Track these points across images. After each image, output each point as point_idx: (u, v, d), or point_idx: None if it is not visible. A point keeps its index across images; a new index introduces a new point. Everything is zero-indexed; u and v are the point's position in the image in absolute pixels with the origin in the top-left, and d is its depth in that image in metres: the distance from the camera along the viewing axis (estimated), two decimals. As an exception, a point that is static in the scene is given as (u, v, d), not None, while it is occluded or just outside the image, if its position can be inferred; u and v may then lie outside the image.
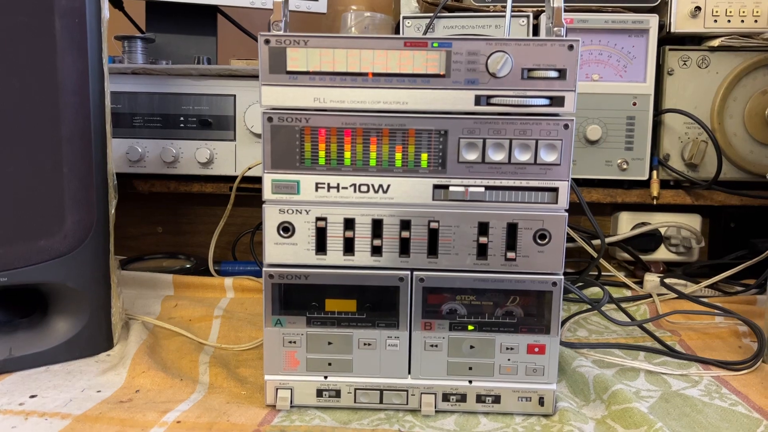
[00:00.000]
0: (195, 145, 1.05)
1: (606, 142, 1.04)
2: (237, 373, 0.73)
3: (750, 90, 1.04)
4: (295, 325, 0.64)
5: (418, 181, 0.61)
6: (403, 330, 0.64)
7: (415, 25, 1.04)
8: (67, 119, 0.69)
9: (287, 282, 0.63)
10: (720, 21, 1.02)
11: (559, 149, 0.60)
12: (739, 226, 1.12)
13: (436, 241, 0.62)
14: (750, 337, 0.85)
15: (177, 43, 1.22)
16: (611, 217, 1.14)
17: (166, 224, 1.18)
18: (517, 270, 0.62)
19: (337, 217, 0.62)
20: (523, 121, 0.59)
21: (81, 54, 0.69)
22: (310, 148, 0.61)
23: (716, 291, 1.01)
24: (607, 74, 1.04)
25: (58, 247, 0.71)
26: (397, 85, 0.59)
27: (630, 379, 0.73)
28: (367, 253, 0.62)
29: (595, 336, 0.87)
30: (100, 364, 0.75)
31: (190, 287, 1.00)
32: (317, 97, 0.60)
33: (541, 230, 0.61)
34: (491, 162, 0.60)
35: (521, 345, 0.64)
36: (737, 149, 1.05)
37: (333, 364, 0.64)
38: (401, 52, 0.59)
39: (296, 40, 0.59)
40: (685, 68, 1.05)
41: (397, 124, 0.60)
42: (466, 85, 0.59)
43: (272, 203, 0.62)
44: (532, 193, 0.61)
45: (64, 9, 0.67)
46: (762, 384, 0.72)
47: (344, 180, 0.61)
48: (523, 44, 0.58)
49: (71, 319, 0.75)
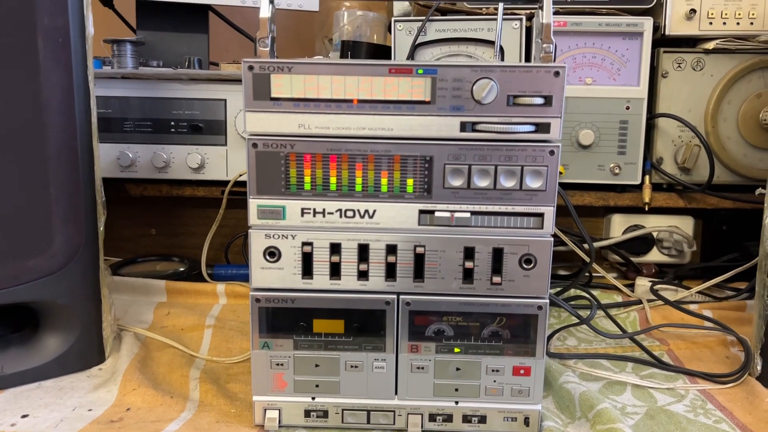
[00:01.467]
0: (186, 150, 1.04)
1: (598, 146, 1.04)
2: (227, 389, 0.73)
3: (745, 93, 1.03)
4: (283, 347, 0.64)
5: (404, 206, 0.61)
6: (390, 352, 0.64)
7: (407, 28, 1.03)
8: (53, 138, 0.69)
9: (274, 306, 0.63)
10: (715, 23, 1.01)
11: (544, 175, 0.60)
12: (732, 228, 1.12)
13: (422, 265, 0.62)
14: (738, 346, 0.86)
15: (168, 41, 1.21)
16: (604, 219, 1.14)
17: (160, 226, 1.19)
18: (503, 294, 0.62)
19: (324, 242, 0.62)
20: (508, 147, 0.59)
21: (66, 73, 0.68)
22: (295, 173, 0.61)
23: (706, 296, 1.01)
24: (600, 77, 1.03)
25: (47, 265, 0.71)
26: (382, 112, 0.59)
27: (617, 394, 0.74)
28: (353, 277, 0.63)
29: (584, 345, 0.87)
30: (92, 379, 0.75)
31: (183, 293, 1.01)
32: (302, 123, 0.59)
33: (527, 255, 0.61)
34: (477, 188, 0.60)
35: (507, 367, 0.64)
36: (731, 152, 1.05)
37: (320, 385, 0.65)
38: (386, 78, 0.58)
39: (280, 66, 0.58)
40: (679, 70, 1.04)
41: (383, 150, 0.60)
42: (452, 111, 0.59)
43: (258, 228, 0.62)
44: (518, 218, 0.61)
45: (47, 28, 0.66)
46: (747, 399, 0.73)
47: (330, 205, 0.61)
48: (509, 71, 0.58)
49: (62, 334, 0.76)
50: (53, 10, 0.66)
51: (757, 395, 0.73)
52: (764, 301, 0.75)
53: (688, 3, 1.00)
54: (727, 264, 1.04)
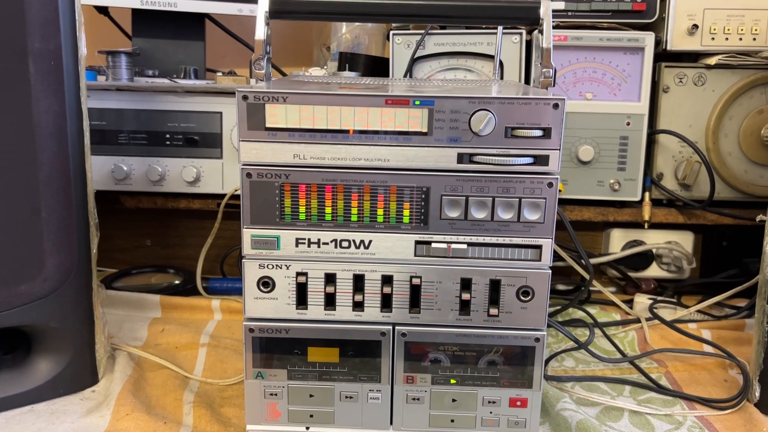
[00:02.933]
0: (181, 163, 1.03)
1: (598, 162, 1.03)
2: (221, 414, 0.73)
3: (746, 109, 1.02)
4: (276, 377, 0.63)
5: (400, 237, 0.60)
6: (385, 383, 0.63)
7: (405, 42, 1.01)
8: (45, 163, 0.68)
9: (268, 336, 0.62)
10: (717, 39, 1.00)
11: (542, 207, 0.59)
12: (732, 244, 1.12)
13: (419, 296, 0.61)
14: (736, 369, 0.85)
15: (164, 49, 1.20)
16: (603, 233, 1.13)
17: (155, 237, 1.18)
18: (500, 326, 0.62)
19: (318, 272, 0.61)
20: (506, 179, 0.58)
21: (57, 96, 0.67)
22: (290, 203, 0.60)
23: (705, 315, 1.01)
24: (601, 92, 1.02)
25: (38, 290, 0.70)
26: (378, 143, 0.58)
27: (614, 420, 0.73)
28: (348, 307, 0.62)
29: (582, 366, 0.87)
30: (85, 402, 0.75)
31: (178, 308, 1.00)
32: (297, 153, 0.58)
33: (525, 287, 0.61)
34: (474, 219, 0.59)
35: (503, 399, 0.63)
36: (732, 169, 1.04)
37: (315, 415, 0.64)
38: (383, 109, 0.57)
39: (275, 97, 0.57)
40: (681, 86, 1.03)
41: (379, 181, 0.59)
42: (449, 143, 0.58)
43: (252, 258, 0.61)
44: (516, 250, 0.60)
45: (39, 52, 0.65)
46: (745, 427, 0.72)
47: (325, 235, 0.60)
48: (507, 102, 0.57)
49: (55, 357, 0.75)
50: (45, 34, 0.65)
51: (755, 423, 0.72)
52: (764, 327, 0.75)
53: (690, 18, 0.99)
54: (727, 280, 1.03)
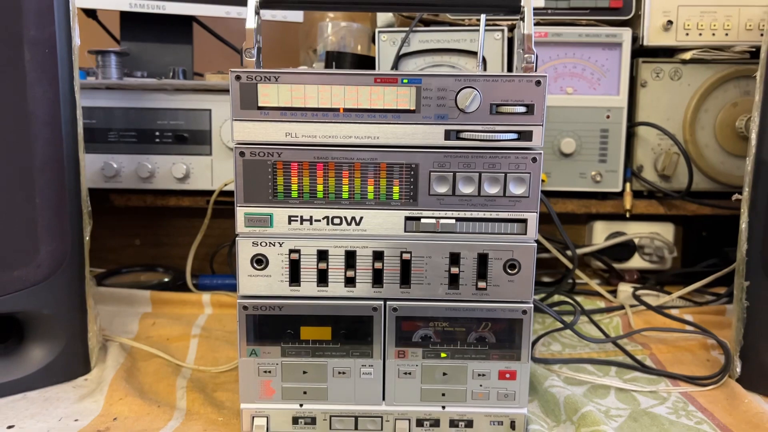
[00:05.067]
0: (171, 160, 1.04)
1: (580, 154, 1.06)
2: (214, 398, 0.73)
3: (721, 102, 1.06)
4: (270, 355, 0.64)
5: (391, 213, 0.62)
6: (377, 358, 0.64)
7: (391, 39, 1.04)
8: (39, 150, 0.69)
9: (261, 313, 0.63)
10: (691, 34, 1.03)
11: (527, 182, 0.61)
12: (711, 234, 1.15)
13: (409, 271, 0.63)
14: (718, 349, 0.87)
15: (152, 52, 1.22)
16: (586, 226, 1.16)
17: (144, 236, 1.18)
18: (488, 299, 0.63)
19: (311, 249, 0.62)
20: (492, 154, 0.60)
21: (52, 84, 0.68)
22: (282, 181, 0.61)
23: (687, 301, 1.03)
24: (581, 87, 1.05)
25: (32, 276, 0.71)
26: (368, 120, 0.60)
27: (600, 397, 0.75)
28: (340, 283, 0.63)
29: (569, 350, 0.89)
30: (78, 389, 0.75)
31: (168, 303, 1.01)
32: (289, 132, 0.60)
33: (511, 260, 0.62)
34: (461, 194, 0.61)
35: (493, 371, 0.65)
36: (709, 160, 1.07)
37: (308, 392, 0.65)
38: (372, 88, 0.59)
39: (267, 76, 0.59)
40: (658, 80, 1.06)
41: (369, 158, 0.61)
42: (436, 120, 0.60)
43: (245, 236, 0.62)
44: (502, 225, 0.62)
45: (34, 40, 0.66)
46: (727, 401, 0.74)
47: (317, 213, 0.62)
48: (492, 80, 0.59)
49: (48, 345, 0.75)
50: (40, 22, 0.66)
51: (737, 396, 0.74)
52: (742, 304, 0.77)
53: (665, 14, 1.03)
54: (708, 269, 1.06)
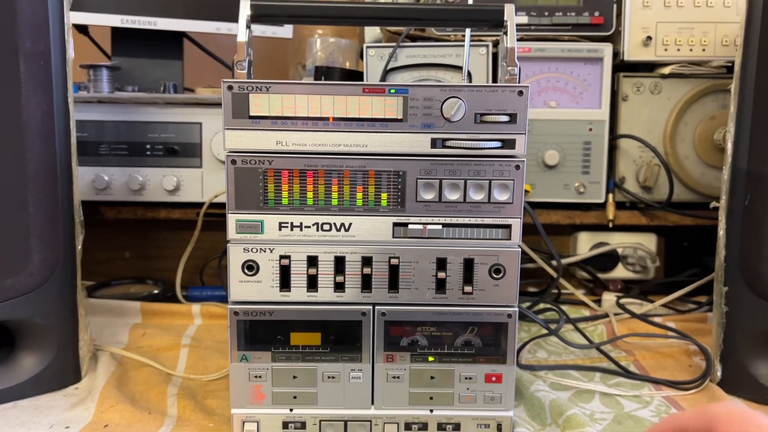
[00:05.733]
0: (162, 172, 1.06)
1: (564, 166, 1.08)
2: (205, 405, 0.74)
3: (700, 115, 1.09)
4: (261, 360, 0.65)
5: (379, 219, 0.63)
6: (366, 363, 0.66)
7: (378, 54, 1.06)
8: (33, 159, 0.70)
9: (252, 318, 0.65)
10: (670, 50, 1.07)
11: (511, 189, 0.63)
12: (693, 244, 1.17)
13: (397, 276, 0.64)
14: (700, 355, 0.89)
15: (143, 68, 1.23)
16: (571, 236, 1.18)
17: (134, 249, 1.19)
18: (474, 303, 0.65)
19: (301, 254, 0.64)
20: (477, 162, 0.62)
21: (46, 95, 0.70)
22: (273, 188, 0.63)
23: (670, 309, 1.05)
24: (563, 101, 1.08)
25: (24, 285, 0.71)
26: (356, 129, 0.62)
27: (585, 402, 0.76)
28: (330, 289, 0.65)
29: (554, 357, 0.90)
30: (68, 398, 0.75)
31: (158, 314, 1.01)
32: (279, 140, 0.62)
33: (496, 265, 0.64)
34: (448, 201, 0.63)
35: (479, 375, 0.66)
36: (689, 172, 1.10)
37: (298, 397, 0.66)
38: (360, 98, 0.61)
39: (258, 87, 0.61)
40: (638, 94, 1.09)
41: (358, 166, 0.62)
42: (423, 128, 0.62)
43: (236, 242, 0.63)
44: (487, 230, 0.64)
45: (29, 52, 0.68)
46: (709, 403, 0.76)
47: (307, 219, 0.63)
48: (476, 90, 0.61)
49: (39, 353, 0.76)
50: (35, 35, 0.68)
51: (717, 399, 0.76)
52: (722, 309, 0.79)
53: (644, 30, 1.06)
54: (690, 279, 1.08)
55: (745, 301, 0.76)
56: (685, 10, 1.06)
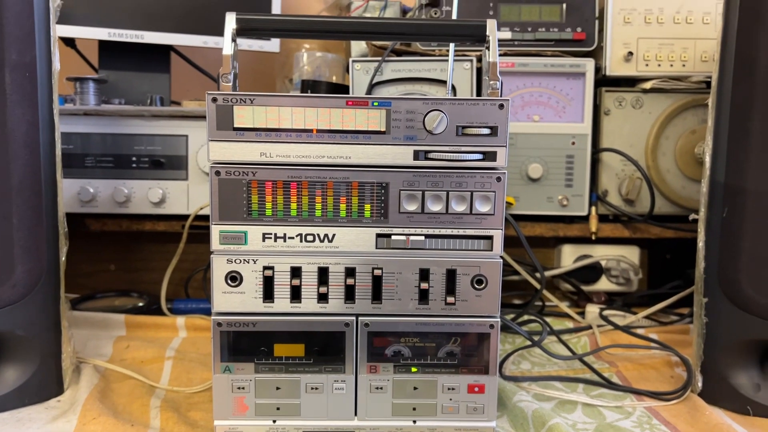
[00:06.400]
0: (147, 184, 1.06)
1: (547, 179, 1.09)
2: (188, 417, 0.74)
3: (680, 129, 1.10)
4: (244, 371, 0.66)
5: (362, 230, 0.64)
6: (350, 373, 0.66)
7: (364, 68, 1.07)
8: (17, 171, 0.70)
9: (235, 329, 0.65)
10: (651, 65, 1.08)
11: (492, 200, 0.64)
12: (675, 257, 1.18)
13: (380, 287, 0.65)
14: (682, 366, 0.90)
15: (130, 81, 1.24)
16: (554, 249, 1.19)
17: (119, 262, 1.19)
18: (457, 314, 0.65)
19: (284, 265, 0.64)
20: (458, 174, 0.63)
21: (31, 107, 0.70)
22: (257, 200, 0.63)
23: (653, 321, 1.06)
24: (547, 115, 1.09)
25: (7, 296, 0.71)
26: (340, 141, 0.62)
27: (568, 412, 0.77)
28: (313, 300, 0.65)
29: (538, 368, 0.91)
30: (50, 410, 0.75)
31: (143, 327, 1.01)
32: (263, 151, 0.62)
33: (478, 275, 0.65)
34: (430, 212, 0.64)
35: (462, 385, 0.67)
36: (670, 185, 1.11)
37: (281, 408, 0.66)
38: (344, 110, 0.62)
39: (242, 99, 0.62)
40: (620, 108, 1.11)
41: (341, 177, 0.63)
42: (405, 141, 0.62)
43: (220, 253, 0.64)
44: (469, 241, 0.65)
45: (15, 64, 0.68)
46: (689, 413, 0.77)
47: (291, 230, 0.64)
48: (458, 103, 0.62)
49: (21, 366, 0.75)
50: (21, 46, 0.68)
51: (698, 409, 0.77)
52: (702, 320, 0.80)
53: (625, 46, 1.08)
54: (672, 291, 1.09)
55: (724, 312, 0.78)
56: (665, 26, 1.08)
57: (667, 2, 1.07)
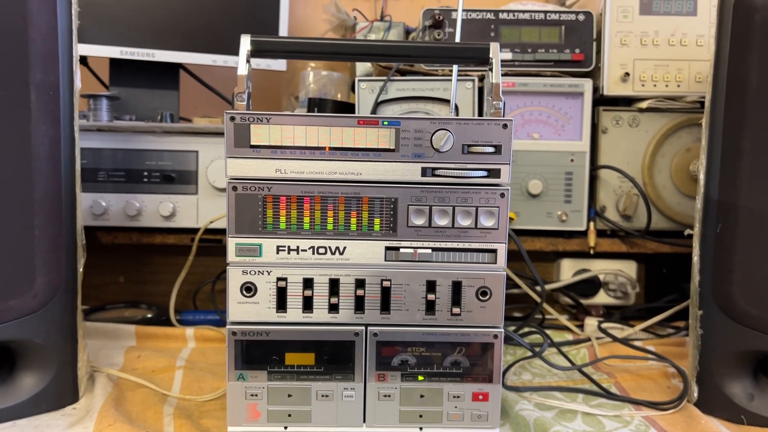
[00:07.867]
0: (158, 199, 1.09)
1: (546, 195, 1.13)
2: (200, 424, 0.76)
3: (676, 147, 1.14)
4: (257, 379, 0.68)
5: (372, 243, 0.67)
6: (359, 381, 0.69)
7: (370, 87, 1.11)
8: (40, 184, 0.73)
9: (249, 338, 0.67)
10: (647, 85, 1.12)
11: (496, 215, 0.67)
12: (671, 271, 1.21)
13: (389, 298, 0.68)
14: (678, 377, 0.93)
15: (140, 97, 1.27)
16: (554, 263, 1.22)
17: (129, 274, 1.21)
18: (462, 324, 0.68)
19: (297, 277, 0.67)
20: (464, 190, 0.66)
21: (54, 123, 0.73)
22: (272, 214, 0.66)
23: (650, 333, 1.09)
24: (546, 133, 1.13)
25: (27, 306, 0.74)
26: (351, 158, 0.66)
27: (568, 421, 0.79)
28: (324, 310, 0.68)
29: (538, 379, 0.93)
30: (67, 417, 0.77)
31: (152, 338, 1.03)
32: (279, 168, 0.65)
33: (483, 287, 0.68)
34: (437, 226, 0.67)
35: (467, 393, 0.69)
36: (666, 201, 1.15)
37: (293, 415, 0.69)
38: (355, 129, 0.65)
39: (259, 118, 0.65)
40: (617, 127, 1.14)
41: (352, 193, 0.66)
42: (414, 158, 0.66)
43: (236, 265, 0.67)
44: (474, 254, 0.67)
45: (40, 83, 0.71)
46: (686, 422, 0.79)
47: (303, 243, 0.67)
48: (464, 123, 0.65)
49: (38, 373, 0.78)
50: (46, 67, 0.72)
51: (694, 418, 0.79)
52: (697, 332, 0.83)
53: (622, 67, 1.12)
54: (669, 304, 1.12)
55: (719, 324, 0.80)
56: (660, 48, 1.11)
57: (662, 25, 1.11)
